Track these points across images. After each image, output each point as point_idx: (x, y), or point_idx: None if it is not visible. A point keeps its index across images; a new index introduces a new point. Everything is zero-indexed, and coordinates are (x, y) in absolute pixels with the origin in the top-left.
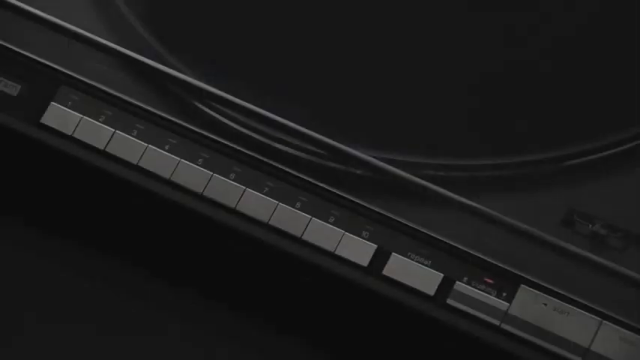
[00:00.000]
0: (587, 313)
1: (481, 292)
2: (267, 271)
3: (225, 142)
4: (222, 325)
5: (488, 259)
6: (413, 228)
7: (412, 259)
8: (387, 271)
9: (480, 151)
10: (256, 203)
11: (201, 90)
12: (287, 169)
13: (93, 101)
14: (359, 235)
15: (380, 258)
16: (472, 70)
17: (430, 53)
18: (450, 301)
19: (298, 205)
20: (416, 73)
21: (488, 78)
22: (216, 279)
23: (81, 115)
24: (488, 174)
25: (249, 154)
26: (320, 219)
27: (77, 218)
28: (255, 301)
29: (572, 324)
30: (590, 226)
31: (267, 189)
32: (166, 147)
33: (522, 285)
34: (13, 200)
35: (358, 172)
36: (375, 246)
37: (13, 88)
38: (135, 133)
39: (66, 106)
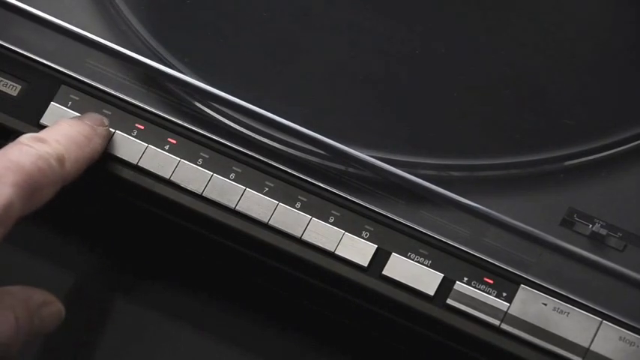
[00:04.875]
0: (587, 313)
1: (481, 292)
2: (267, 272)
3: (225, 142)
4: (222, 324)
5: (489, 259)
6: (413, 228)
7: (412, 259)
8: (387, 271)
9: (480, 151)
10: (256, 203)
11: (201, 90)
12: (287, 169)
13: (93, 101)
14: (359, 235)
15: (380, 258)
16: (472, 71)
17: (430, 53)
18: (450, 301)
19: (298, 205)
20: (416, 73)
21: (488, 78)
22: (216, 279)
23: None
24: (488, 174)
25: (249, 154)
26: (320, 219)
27: (76, 219)
28: (255, 301)
29: (572, 324)
30: (590, 226)
31: (267, 189)
32: (166, 147)
33: (522, 285)
34: None
35: (358, 172)
36: (375, 246)
37: (13, 88)
38: (135, 133)
39: (66, 106)
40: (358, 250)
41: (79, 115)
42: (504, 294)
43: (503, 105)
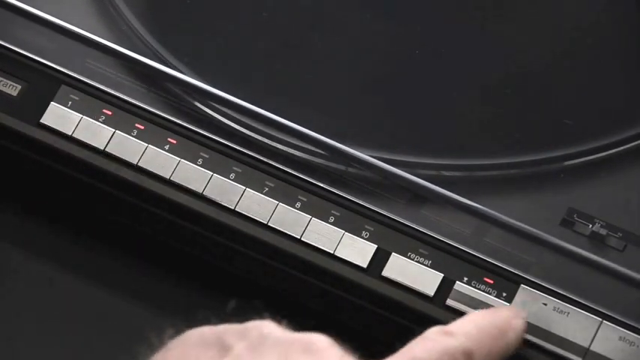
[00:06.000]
0: (587, 313)
1: (481, 292)
2: (267, 272)
3: (225, 142)
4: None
5: (488, 259)
6: (413, 228)
7: (412, 260)
8: (386, 271)
9: (480, 151)
10: (256, 203)
11: (201, 90)
12: (287, 169)
13: (93, 101)
14: (359, 235)
15: (380, 258)
16: (472, 71)
17: (430, 53)
18: (449, 302)
19: (298, 205)
20: (416, 74)
21: (488, 78)
22: (216, 279)
23: (81, 115)
24: (489, 174)
25: (249, 154)
26: (320, 219)
27: (77, 218)
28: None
29: (572, 324)
30: (590, 226)
31: (267, 189)
32: (166, 147)
33: (522, 285)
34: (12, 200)
35: (358, 172)
36: (375, 246)
37: (13, 88)
38: (135, 133)
39: (66, 106)
40: (358, 250)
41: (482, 309)
42: (504, 294)
43: (503, 105)
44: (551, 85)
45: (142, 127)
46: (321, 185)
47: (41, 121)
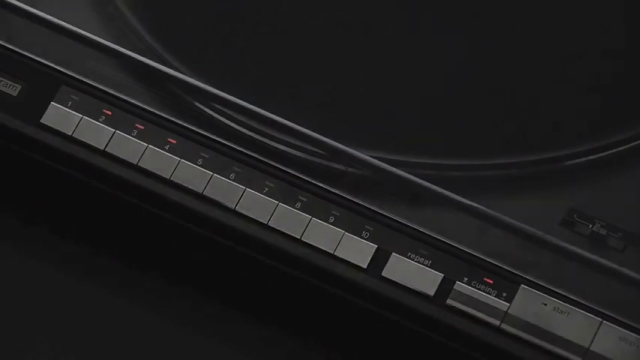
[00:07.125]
0: (587, 313)
1: (481, 292)
2: (267, 272)
3: (225, 142)
4: (221, 325)
5: (488, 260)
6: (413, 228)
7: (412, 260)
8: (386, 271)
9: (480, 151)
10: (256, 203)
11: (201, 90)
12: (287, 169)
13: (93, 101)
14: (359, 236)
15: (380, 258)
16: (472, 71)
17: (430, 54)
18: (449, 302)
19: (298, 205)
20: (416, 73)
21: (488, 78)
22: (217, 279)
23: (81, 116)
24: (488, 174)
25: (249, 154)
26: (320, 219)
27: (77, 218)
28: (255, 302)
29: (572, 324)
30: (590, 226)
31: (267, 189)
32: (166, 147)
33: (522, 285)
34: (12, 200)
35: (358, 172)
36: (375, 246)
37: (13, 88)
38: (135, 133)
39: (66, 106)
40: (358, 250)
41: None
42: (504, 294)
43: (503, 105)
44: (552, 85)
45: (142, 127)
46: (321, 185)
47: (41, 121)
